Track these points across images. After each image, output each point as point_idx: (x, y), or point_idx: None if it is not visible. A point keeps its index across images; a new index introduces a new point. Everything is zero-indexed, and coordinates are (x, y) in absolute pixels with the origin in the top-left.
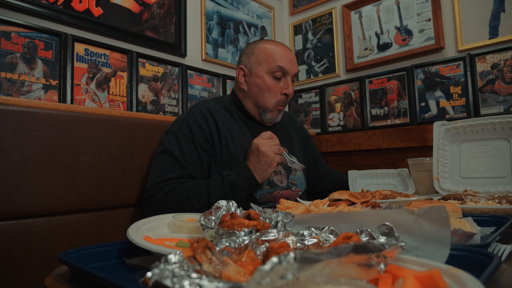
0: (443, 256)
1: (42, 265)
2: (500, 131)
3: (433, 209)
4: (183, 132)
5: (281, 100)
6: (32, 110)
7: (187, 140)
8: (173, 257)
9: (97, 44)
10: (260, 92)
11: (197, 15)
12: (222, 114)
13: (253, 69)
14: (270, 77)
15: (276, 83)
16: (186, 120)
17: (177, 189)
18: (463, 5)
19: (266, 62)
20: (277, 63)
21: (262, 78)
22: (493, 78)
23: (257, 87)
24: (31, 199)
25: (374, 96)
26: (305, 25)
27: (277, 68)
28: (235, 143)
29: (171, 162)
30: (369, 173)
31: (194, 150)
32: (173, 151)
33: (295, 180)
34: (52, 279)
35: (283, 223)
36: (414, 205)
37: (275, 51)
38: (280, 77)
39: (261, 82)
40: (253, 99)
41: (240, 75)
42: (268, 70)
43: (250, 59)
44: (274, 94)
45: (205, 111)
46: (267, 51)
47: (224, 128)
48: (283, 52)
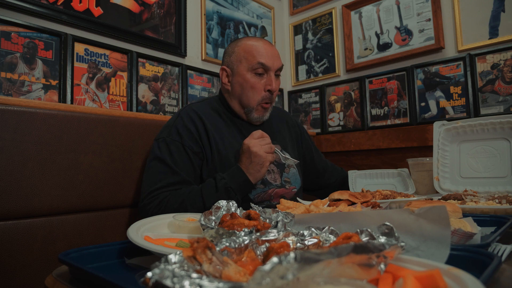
0: (443, 256)
1: (42, 265)
2: (500, 131)
3: (433, 209)
4: (172, 137)
5: (266, 97)
6: (32, 110)
7: (177, 145)
8: (173, 257)
9: (97, 44)
10: (243, 91)
11: (197, 15)
12: (210, 116)
13: (234, 68)
14: (252, 74)
15: (259, 80)
16: (174, 125)
17: (171, 196)
18: (463, 5)
19: (246, 60)
20: (257, 59)
21: (244, 76)
22: (493, 78)
23: (240, 86)
24: (31, 199)
25: (374, 96)
26: (305, 25)
27: (257, 65)
28: (225, 144)
29: (163, 169)
30: (369, 173)
31: (185, 154)
32: (164, 157)
33: (289, 178)
34: (52, 279)
35: (283, 223)
36: (414, 205)
37: (255, 47)
38: (262, 73)
39: (243, 81)
40: (237, 98)
41: (223, 75)
42: (249, 67)
43: (231, 58)
44: (257, 92)
45: (193, 114)
46: (247, 48)
47: (213, 130)
48: (263, 48)
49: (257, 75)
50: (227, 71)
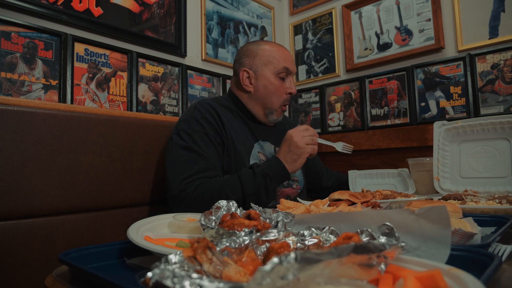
0: (443, 256)
1: (42, 265)
2: (501, 131)
3: (434, 209)
4: (194, 128)
5: (286, 100)
6: (32, 110)
7: (200, 135)
8: (173, 257)
9: (97, 44)
10: (268, 94)
11: (197, 15)
12: (223, 112)
13: (259, 70)
14: (277, 78)
15: (282, 83)
16: (194, 116)
17: (207, 183)
18: (463, 5)
19: (272, 64)
20: (283, 64)
21: (269, 79)
22: (493, 78)
23: (264, 89)
24: (31, 199)
25: (374, 96)
26: (305, 25)
27: (283, 69)
28: (239, 140)
29: (192, 156)
30: (369, 173)
31: (209, 142)
32: (190, 146)
33: (296, 177)
34: (52, 279)
35: (284, 223)
36: (415, 205)
37: (279, 52)
38: (284, 78)
39: (268, 84)
40: (260, 101)
41: (244, 77)
42: (274, 71)
43: (255, 61)
44: (280, 95)
45: (209, 107)
46: (271, 52)
47: (228, 125)
48: (285, 54)
49: (280, 79)
50: (249, 73)
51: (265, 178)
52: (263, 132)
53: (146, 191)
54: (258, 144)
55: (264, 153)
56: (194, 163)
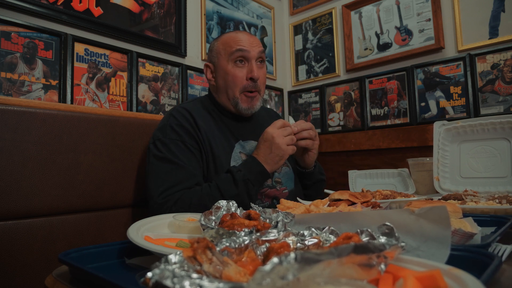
0: (443, 256)
1: (42, 265)
2: (501, 131)
3: (434, 209)
4: (170, 137)
5: (248, 86)
6: (32, 110)
7: (177, 144)
8: (173, 257)
9: (97, 44)
10: (226, 83)
11: (197, 15)
12: (201, 115)
13: (216, 62)
14: (232, 64)
15: (240, 69)
16: (169, 124)
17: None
18: (463, 5)
19: (224, 51)
20: (234, 47)
21: (225, 67)
22: (493, 78)
23: (222, 79)
24: (31, 199)
25: (374, 96)
26: (305, 25)
27: (236, 52)
28: (217, 144)
29: (169, 167)
30: (369, 173)
31: (186, 150)
32: (166, 156)
33: (280, 178)
34: (52, 279)
35: (284, 223)
36: (415, 205)
37: (232, 37)
38: (242, 61)
39: (224, 73)
40: (223, 92)
41: (207, 72)
42: (228, 57)
43: (212, 53)
44: (239, 82)
45: (185, 112)
46: (224, 39)
47: (205, 128)
48: (240, 36)
49: (238, 63)
50: (210, 67)
51: (246, 184)
52: (244, 131)
53: None
54: (239, 144)
55: (246, 153)
56: (172, 174)
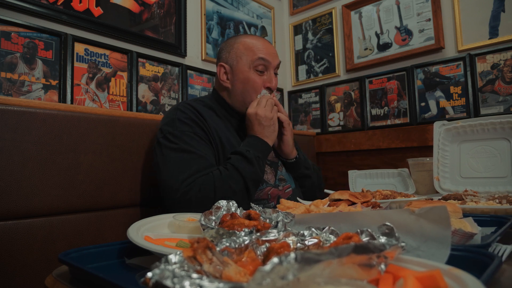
0: (443, 256)
1: (42, 265)
2: (501, 131)
3: (434, 209)
4: (181, 129)
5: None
6: (32, 110)
7: (189, 135)
8: (173, 257)
9: (97, 44)
10: (245, 87)
11: (197, 15)
12: (205, 112)
13: (234, 64)
14: (253, 71)
15: (259, 77)
16: (177, 118)
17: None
18: (463, 5)
19: (246, 56)
20: (258, 55)
21: (245, 73)
22: (493, 78)
23: (241, 83)
24: (31, 199)
25: (374, 96)
26: (305, 25)
27: (258, 60)
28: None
29: (186, 156)
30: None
31: (200, 140)
32: (182, 147)
33: (283, 175)
34: (52, 279)
35: (284, 223)
36: (415, 205)
37: (255, 44)
38: (262, 71)
39: (244, 78)
40: (239, 96)
41: (221, 72)
42: (249, 63)
43: (230, 55)
44: (257, 89)
45: (190, 108)
46: (247, 44)
47: (211, 121)
48: (263, 45)
49: (258, 72)
50: (225, 68)
51: (258, 161)
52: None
53: (146, 191)
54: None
55: None
56: (190, 163)
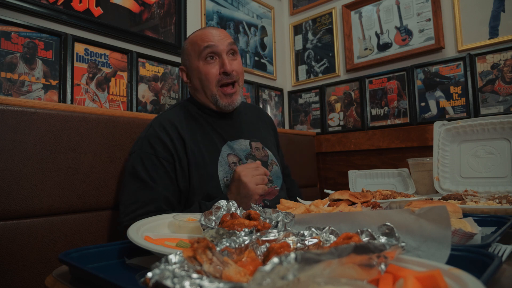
0: (443, 256)
1: (42, 265)
2: (501, 131)
3: (434, 209)
4: (145, 150)
5: (222, 79)
6: (32, 110)
7: (151, 158)
8: (173, 257)
9: (97, 44)
10: (201, 82)
11: (197, 15)
12: (184, 122)
13: (187, 63)
14: (202, 62)
15: (211, 65)
16: (146, 136)
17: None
18: (463, 5)
19: (193, 50)
20: (202, 44)
21: (197, 67)
22: (493, 78)
23: (197, 79)
24: (31, 199)
25: (374, 96)
26: (305, 25)
27: (204, 50)
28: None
29: (138, 185)
30: (369, 173)
31: (160, 166)
32: (138, 172)
33: (271, 176)
34: (52, 279)
35: (284, 223)
36: (415, 205)
37: (198, 35)
38: (213, 57)
39: (197, 72)
40: (201, 91)
41: (183, 75)
42: (198, 56)
43: (184, 56)
44: (212, 78)
45: (165, 123)
46: (192, 40)
47: (188, 136)
48: (206, 33)
49: (209, 60)
50: (184, 70)
51: None
52: (231, 129)
53: None
54: (227, 145)
55: (236, 153)
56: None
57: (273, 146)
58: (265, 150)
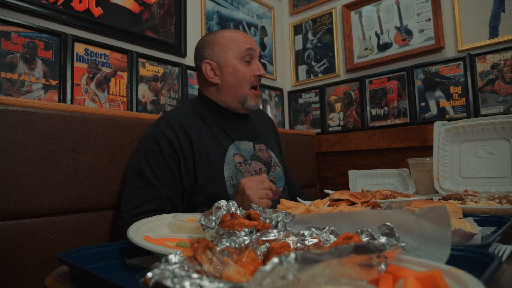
0: (443, 256)
1: (42, 265)
2: (501, 131)
3: (434, 209)
4: (150, 147)
5: (255, 81)
6: (32, 110)
7: (156, 156)
8: (173, 257)
9: (97, 44)
10: (236, 81)
11: (197, 15)
12: (192, 120)
13: (221, 59)
14: (241, 62)
15: (248, 67)
16: (152, 134)
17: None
18: (463, 5)
19: (232, 49)
20: (245, 46)
21: (234, 65)
22: (493, 78)
23: (231, 76)
24: (31, 199)
25: (374, 96)
26: (305, 25)
27: (246, 51)
28: (208, 150)
29: (141, 184)
30: (369, 173)
31: (165, 165)
32: (143, 170)
33: (275, 177)
34: (52, 279)
35: (284, 223)
36: (415, 205)
37: (238, 36)
38: (249, 60)
39: (234, 70)
40: (230, 90)
41: (207, 69)
42: (237, 55)
43: (215, 50)
44: (248, 79)
45: (173, 121)
46: (230, 37)
47: (195, 136)
48: (245, 36)
49: (246, 63)
50: (211, 65)
51: None
52: (240, 130)
53: None
54: (234, 145)
55: (241, 153)
56: (141, 192)
57: (275, 147)
58: (268, 151)
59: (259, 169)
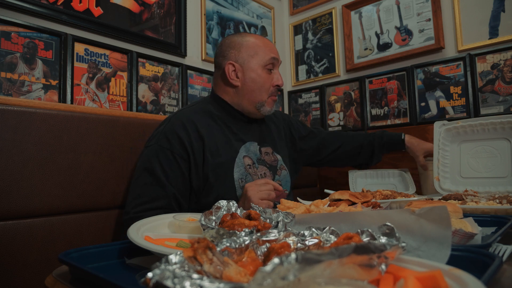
0: (444, 256)
1: (42, 265)
2: (501, 131)
3: (434, 210)
4: (161, 144)
5: (274, 92)
6: (32, 110)
7: (166, 153)
8: (173, 258)
9: (97, 44)
10: (256, 87)
11: (197, 15)
12: (204, 121)
13: (245, 63)
14: (264, 70)
15: (269, 76)
16: (164, 131)
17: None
18: (463, 5)
19: (258, 55)
20: (270, 54)
21: (257, 71)
22: (493, 78)
23: (253, 82)
24: (31, 199)
25: (374, 96)
26: (305, 25)
27: (270, 60)
28: (219, 151)
29: (149, 181)
30: (370, 173)
31: (174, 162)
32: (153, 167)
33: (281, 180)
34: (52, 279)
35: (284, 223)
36: (415, 205)
37: (265, 43)
38: (271, 69)
39: (256, 76)
40: (248, 95)
41: (230, 71)
42: (262, 63)
43: (241, 53)
44: (268, 87)
45: (185, 120)
46: (258, 44)
47: (208, 136)
48: (271, 45)
49: (267, 71)
50: (235, 67)
51: None
52: (248, 132)
53: None
54: (245, 147)
55: (250, 156)
56: (149, 189)
57: (284, 149)
58: (275, 155)
59: (264, 174)
